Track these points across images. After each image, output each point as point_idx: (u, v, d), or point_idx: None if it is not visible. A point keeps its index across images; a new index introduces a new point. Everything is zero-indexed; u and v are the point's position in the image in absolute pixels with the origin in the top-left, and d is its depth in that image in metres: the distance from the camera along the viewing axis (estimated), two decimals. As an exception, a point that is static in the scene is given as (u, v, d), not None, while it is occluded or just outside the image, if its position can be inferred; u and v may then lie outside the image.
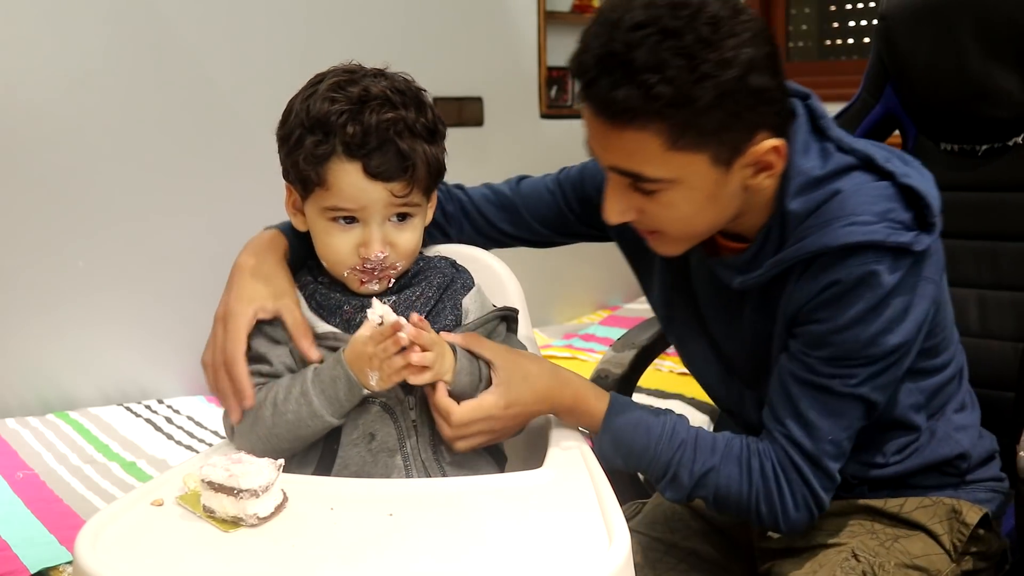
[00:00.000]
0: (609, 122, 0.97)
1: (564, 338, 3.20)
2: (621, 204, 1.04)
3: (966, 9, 1.39)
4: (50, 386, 2.60)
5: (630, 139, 0.97)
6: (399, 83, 1.07)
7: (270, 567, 0.84)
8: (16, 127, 2.48)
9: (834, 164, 1.04)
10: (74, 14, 2.52)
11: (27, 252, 2.52)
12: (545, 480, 0.99)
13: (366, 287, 1.08)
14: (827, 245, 1.01)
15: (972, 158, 1.42)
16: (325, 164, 1.03)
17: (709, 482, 1.09)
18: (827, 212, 1.02)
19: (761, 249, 1.08)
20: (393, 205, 1.04)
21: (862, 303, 1.01)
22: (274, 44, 2.83)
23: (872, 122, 1.51)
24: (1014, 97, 1.36)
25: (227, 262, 1.15)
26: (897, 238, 0.99)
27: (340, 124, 1.02)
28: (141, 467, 2.17)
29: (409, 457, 1.05)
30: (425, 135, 1.05)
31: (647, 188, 1.00)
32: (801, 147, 1.05)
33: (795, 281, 1.05)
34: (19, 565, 1.65)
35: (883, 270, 1.00)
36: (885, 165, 1.04)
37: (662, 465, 1.09)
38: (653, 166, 0.98)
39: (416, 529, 0.89)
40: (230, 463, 0.90)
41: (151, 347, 2.73)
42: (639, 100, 0.93)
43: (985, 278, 1.42)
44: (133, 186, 2.65)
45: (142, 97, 2.64)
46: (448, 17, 3.18)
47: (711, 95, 0.93)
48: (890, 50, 1.47)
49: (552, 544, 0.86)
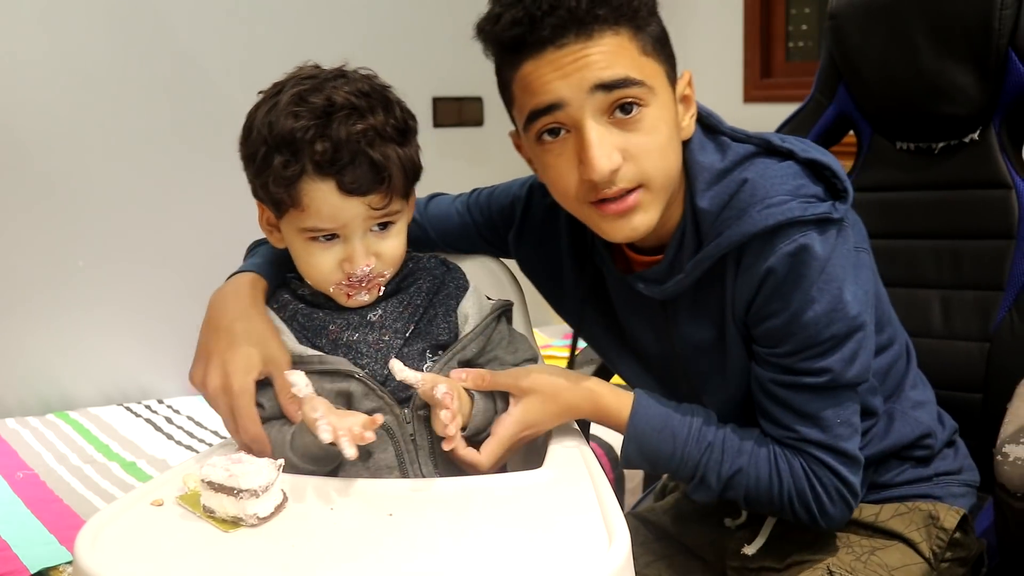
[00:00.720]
0: (586, 35, 0.97)
1: (564, 338, 3.20)
2: (606, 146, 0.98)
3: (916, 6, 1.37)
4: (50, 386, 2.60)
5: (608, 43, 0.97)
6: (362, 85, 1.01)
7: (270, 567, 0.84)
8: (16, 128, 2.48)
9: (734, 154, 1.05)
10: (74, 15, 2.53)
11: (27, 252, 2.52)
12: (545, 480, 0.99)
13: (355, 300, 1.04)
14: (747, 232, 1.00)
15: (929, 156, 1.41)
16: (297, 184, 0.98)
17: (738, 483, 1.08)
18: (739, 202, 1.02)
19: (678, 253, 1.07)
20: (372, 218, 1.00)
21: (804, 281, 1.00)
22: (273, 44, 2.83)
23: (826, 124, 1.49)
24: (968, 93, 1.35)
25: (227, 262, 1.13)
26: (814, 210, 0.99)
27: (308, 141, 0.96)
28: (141, 467, 2.17)
29: (409, 472, 1.02)
30: (396, 138, 1.00)
31: (631, 100, 0.98)
32: (697, 146, 1.07)
33: (731, 279, 1.05)
34: (19, 565, 1.65)
35: (812, 242, 0.99)
36: (783, 145, 1.05)
37: (689, 469, 1.08)
38: (634, 67, 0.98)
39: (416, 529, 0.89)
40: (230, 463, 0.90)
41: (151, 347, 2.73)
42: (606, 4, 0.97)
43: (947, 278, 1.41)
44: (133, 186, 2.65)
45: (142, 98, 2.65)
46: (448, 17, 3.18)
47: (647, 7, 1.00)
48: (841, 50, 1.44)
49: (552, 544, 0.86)
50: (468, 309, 1.09)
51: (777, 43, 3.46)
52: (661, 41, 1.02)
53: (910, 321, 1.29)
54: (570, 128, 0.99)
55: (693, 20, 3.70)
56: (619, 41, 0.97)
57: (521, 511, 0.93)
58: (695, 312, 1.10)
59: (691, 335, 1.11)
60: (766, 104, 3.42)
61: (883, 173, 1.45)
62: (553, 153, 1.01)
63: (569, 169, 1.00)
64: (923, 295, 1.42)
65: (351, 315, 1.06)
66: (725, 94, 3.54)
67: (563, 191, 1.03)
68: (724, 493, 1.09)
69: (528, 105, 1.00)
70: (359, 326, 1.05)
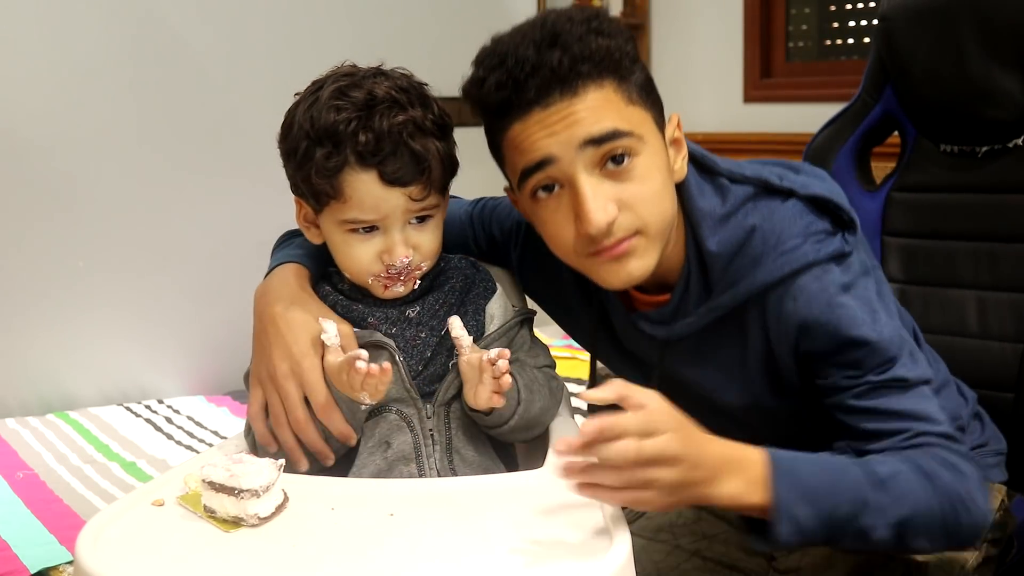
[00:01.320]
0: (571, 92, 0.96)
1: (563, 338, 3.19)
2: (600, 199, 0.97)
3: (967, 11, 1.39)
4: (50, 386, 2.60)
5: (594, 99, 0.97)
6: (401, 81, 1.04)
7: (271, 567, 0.84)
8: (16, 128, 2.48)
9: (734, 198, 1.05)
10: (74, 16, 2.53)
11: (27, 253, 2.52)
12: (545, 480, 0.99)
13: (391, 291, 1.06)
14: (765, 282, 1.01)
15: (972, 159, 1.42)
16: (339, 176, 1.00)
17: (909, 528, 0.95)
18: (752, 250, 1.02)
19: (684, 296, 1.07)
20: (412, 210, 1.02)
21: (844, 310, 1.00)
22: (273, 43, 2.83)
23: (871, 123, 1.51)
24: (1015, 99, 1.36)
25: (227, 262, 1.14)
26: (827, 249, 1.01)
27: (350, 132, 0.98)
28: (141, 467, 2.17)
29: (424, 466, 1.05)
30: (436, 132, 1.03)
31: (621, 151, 0.98)
32: (696, 190, 1.06)
33: (757, 327, 1.04)
34: (19, 565, 1.65)
35: (834, 276, 1.00)
36: (782, 184, 1.04)
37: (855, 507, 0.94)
38: (621, 118, 0.98)
39: (417, 529, 0.89)
40: (231, 463, 0.90)
41: (151, 347, 2.73)
42: (588, 56, 0.96)
43: (983, 279, 1.42)
44: (133, 187, 2.65)
45: (142, 98, 2.65)
46: (448, 17, 3.18)
47: (629, 57, 0.99)
48: (890, 51, 1.46)
49: (552, 544, 0.86)
50: (495, 310, 1.11)
51: (777, 43, 3.46)
52: (646, 88, 1.02)
53: (945, 320, 1.31)
54: (563, 183, 0.99)
55: (693, 20, 3.70)
56: (604, 95, 0.97)
57: (522, 511, 0.93)
58: (699, 354, 1.09)
59: (689, 376, 1.11)
60: (766, 104, 3.42)
61: (926, 174, 1.47)
62: (549, 209, 1.01)
63: (566, 223, 1.00)
64: (958, 295, 1.43)
65: (390, 310, 1.08)
66: (725, 94, 3.54)
67: (562, 246, 1.03)
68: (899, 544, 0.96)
69: (520, 164, 1.00)
70: (397, 321, 1.07)
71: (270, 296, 1.08)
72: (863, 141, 1.51)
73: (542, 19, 1.01)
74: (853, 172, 1.51)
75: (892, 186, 1.49)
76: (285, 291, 1.08)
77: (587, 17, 1.00)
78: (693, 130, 3.61)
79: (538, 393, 1.08)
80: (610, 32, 0.99)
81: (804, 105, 3.13)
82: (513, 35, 1.01)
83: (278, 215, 1.15)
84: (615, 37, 0.99)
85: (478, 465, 1.08)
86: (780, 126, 3.20)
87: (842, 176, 1.49)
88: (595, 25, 0.99)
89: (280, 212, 1.14)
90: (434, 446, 1.05)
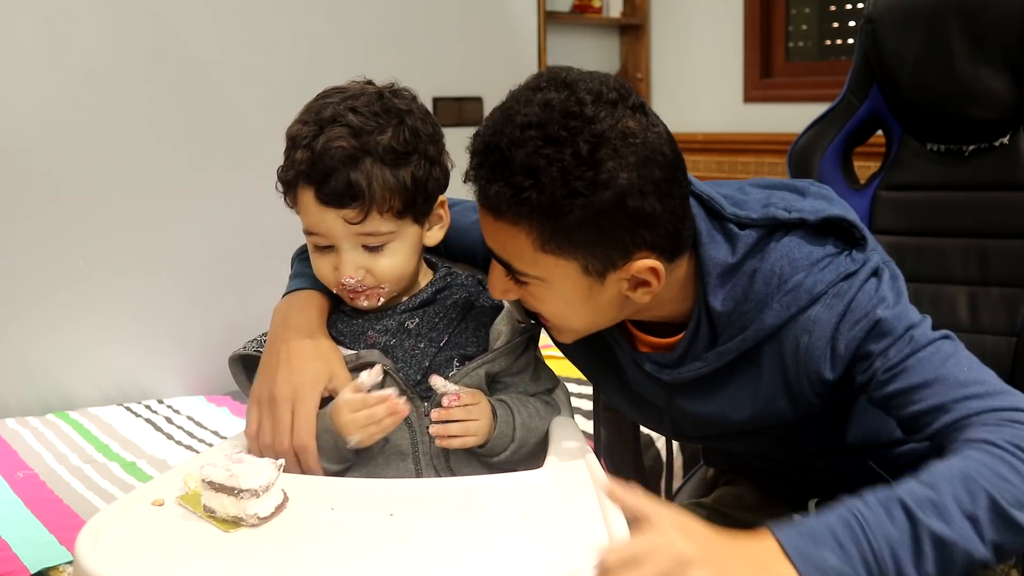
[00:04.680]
0: (485, 209, 0.96)
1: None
2: (502, 284, 1.02)
3: (954, 11, 1.40)
4: (50, 386, 2.60)
5: (502, 230, 0.96)
6: (383, 103, 1.04)
7: (270, 567, 0.84)
8: (16, 128, 2.48)
9: (743, 245, 1.02)
10: (72, 15, 2.53)
11: (27, 253, 2.52)
12: (545, 480, 0.99)
13: (356, 303, 1.08)
14: (772, 326, 1.00)
15: (958, 158, 1.44)
16: (294, 188, 1.05)
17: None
18: (756, 295, 1.00)
19: (692, 342, 1.06)
20: (353, 233, 1.03)
21: (862, 308, 0.98)
22: (273, 44, 2.83)
23: (857, 123, 1.52)
24: (1002, 98, 1.38)
25: (227, 262, 1.14)
26: (830, 275, 0.99)
27: (300, 147, 1.03)
28: (141, 467, 2.17)
29: (420, 462, 1.06)
30: (390, 160, 1.02)
31: (519, 279, 0.99)
32: (707, 238, 1.03)
33: (773, 363, 1.02)
34: (19, 565, 1.65)
35: (841, 292, 0.98)
36: (791, 217, 1.01)
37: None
38: (522, 262, 0.97)
39: (416, 529, 0.89)
40: (231, 463, 0.90)
41: (151, 347, 2.73)
42: (508, 200, 0.92)
43: (974, 275, 1.43)
44: (133, 187, 2.65)
45: (141, 98, 2.64)
46: (448, 17, 3.18)
47: (580, 212, 0.91)
48: (877, 52, 1.47)
49: (552, 544, 0.86)
50: (501, 327, 1.12)
51: (777, 43, 3.47)
52: (578, 240, 0.93)
53: (936, 316, 1.30)
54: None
55: (693, 20, 3.70)
56: (513, 233, 0.95)
57: (522, 511, 0.93)
58: (709, 393, 1.08)
59: (699, 410, 1.10)
60: (766, 104, 3.42)
61: (913, 172, 1.48)
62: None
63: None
64: (950, 291, 1.45)
65: (389, 321, 1.09)
66: (725, 94, 3.54)
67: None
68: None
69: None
70: (397, 332, 1.09)
71: (289, 322, 1.10)
72: (849, 141, 1.52)
73: (519, 101, 0.97)
74: (839, 172, 1.52)
75: (879, 185, 1.51)
76: (303, 322, 1.09)
77: (557, 160, 0.91)
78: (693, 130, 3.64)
79: (533, 433, 1.10)
80: (590, 152, 0.91)
81: (804, 105, 3.13)
82: (504, 108, 0.98)
83: (279, 215, 1.15)
84: (595, 165, 0.91)
85: (475, 464, 1.08)
86: (780, 126, 3.20)
87: (828, 176, 1.50)
88: (574, 142, 0.91)
89: (281, 212, 1.14)
90: (431, 443, 1.06)
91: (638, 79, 3.88)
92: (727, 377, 1.06)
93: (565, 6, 3.69)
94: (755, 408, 1.07)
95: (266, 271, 1.28)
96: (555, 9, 3.60)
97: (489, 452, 1.07)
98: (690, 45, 3.71)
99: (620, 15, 3.88)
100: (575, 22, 3.73)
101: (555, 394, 1.19)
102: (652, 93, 3.88)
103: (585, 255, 0.95)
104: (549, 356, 1.23)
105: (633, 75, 3.89)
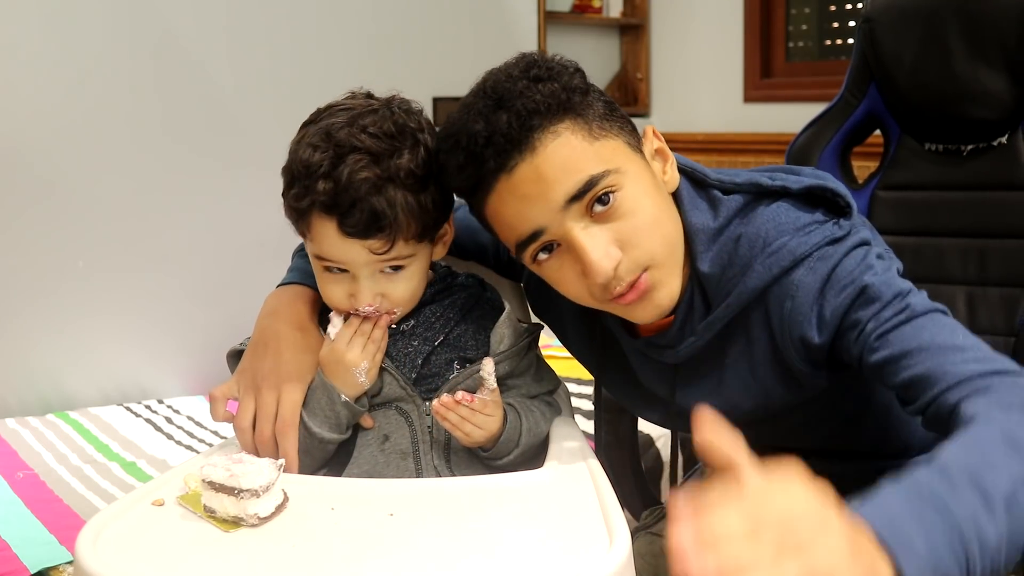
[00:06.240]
0: (530, 150, 0.94)
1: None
2: (600, 247, 0.96)
3: (952, 11, 1.40)
4: (50, 386, 2.60)
5: (556, 151, 0.94)
6: (395, 121, 1.01)
7: (271, 567, 0.84)
8: (16, 128, 2.48)
9: (727, 210, 1.03)
10: (73, 15, 2.53)
11: (27, 252, 2.52)
12: (545, 480, 0.99)
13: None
14: (755, 288, 1.00)
15: (957, 157, 1.44)
16: (307, 217, 1.00)
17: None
18: (740, 259, 1.01)
19: (687, 317, 1.06)
20: (376, 261, 1.01)
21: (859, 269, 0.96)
22: (274, 44, 2.83)
23: (855, 122, 1.52)
24: (1000, 98, 1.38)
25: (227, 262, 1.14)
26: (816, 238, 0.99)
27: (318, 177, 0.98)
28: (141, 467, 2.17)
29: (421, 461, 1.06)
30: (412, 184, 0.99)
31: (603, 191, 0.96)
32: (689, 204, 1.04)
33: (761, 329, 1.02)
34: (19, 565, 1.65)
35: (827, 256, 0.97)
36: (774, 184, 1.03)
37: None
38: (591, 159, 0.95)
39: (417, 529, 0.89)
40: (231, 463, 0.90)
41: (151, 347, 2.73)
42: (536, 112, 0.94)
43: (972, 275, 1.44)
44: (132, 186, 2.65)
45: (141, 98, 2.65)
46: (448, 17, 3.18)
47: (579, 91, 0.97)
48: (875, 51, 1.48)
49: (552, 544, 0.86)
50: (503, 331, 1.09)
51: (777, 43, 3.47)
52: (608, 114, 0.98)
53: None
54: (559, 242, 0.98)
55: (693, 20, 3.70)
56: (563, 141, 0.94)
57: (522, 511, 0.93)
58: (710, 374, 1.08)
59: (702, 397, 1.08)
60: (766, 104, 3.42)
61: (911, 172, 1.49)
62: (553, 268, 1.00)
63: (575, 279, 0.99)
64: (948, 291, 1.45)
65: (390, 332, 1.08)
66: (725, 94, 3.54)
67: (581, 298, 1.01)
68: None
69: (511, 238, 0.99)
70: (393, 333, 1.08)
71: (280, 315, 1.09)
72: (847, 140, 1.53)
73: (482, 86, 0.99)
74: (837, 171, 1.53)
75: (877, 184, 1.51)
76: (293, 317, 1.09)
77: (526, 67, 0.98)
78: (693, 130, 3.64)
79: (537, 437, 1.10)
80: (551, 75, 0.97)
81: (804, 105, 3.13)
82: (461, 112, 0.98)
83: (278, 216, 1.15)
84: (557, 78, 0.97)
85: (476, 463, 1.08)
86: (780, 126, 3.20)
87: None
88: (534, 73, 0.96)
89: (280, 213, 1.14)
90: (432, 443, 1.06)
91: (638, 79, 3.88)
92: (722, 354, 1.06)
93: (565, 6, 3.69)
94: (754, 388, 1.06)
95: (266, 271, 1.28)
96: (555, 9, 3.61)
97: (494, 455, 1.07)
98: (690, 45, 3.71)
99: (620, 15, 3.88)
100: (575, 22, 3.73)
101: (556, 394, 1.19)
102: (652, 93, 3.88)
103: (620, 131, 0.99)
104: (549, 356, 1.23)
105: (633, 75, 3.89)
